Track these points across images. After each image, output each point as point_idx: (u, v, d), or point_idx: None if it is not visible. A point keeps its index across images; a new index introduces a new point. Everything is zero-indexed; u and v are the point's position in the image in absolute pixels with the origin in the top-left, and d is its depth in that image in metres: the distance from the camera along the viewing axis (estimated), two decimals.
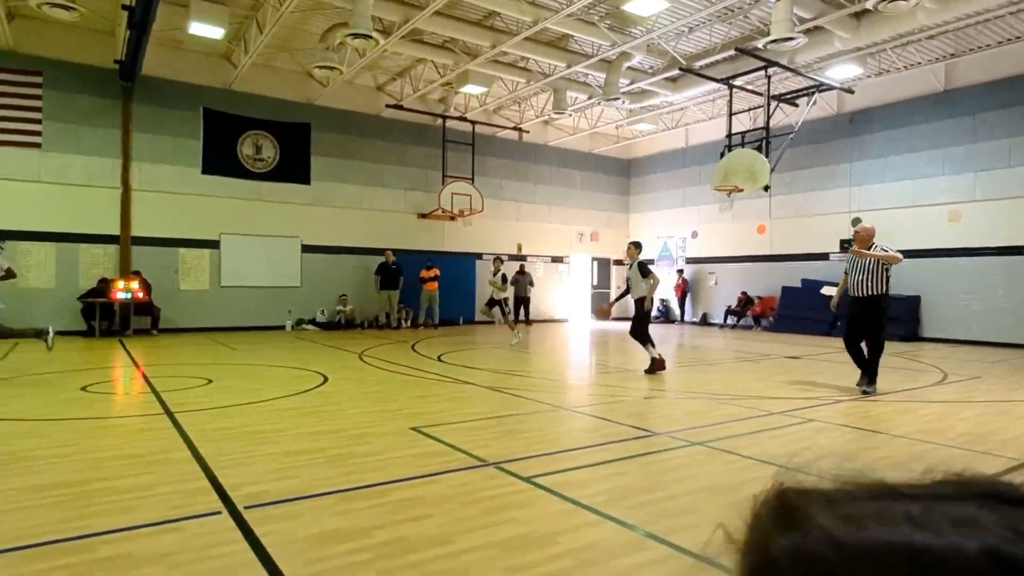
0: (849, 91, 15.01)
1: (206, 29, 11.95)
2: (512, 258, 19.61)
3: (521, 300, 18.42)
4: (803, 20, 11.22)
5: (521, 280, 18.44)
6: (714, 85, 14.72)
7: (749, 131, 15.30)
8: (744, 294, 18.01)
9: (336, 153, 16.49)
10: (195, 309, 14.59)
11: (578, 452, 4.41)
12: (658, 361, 8.25)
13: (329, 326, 15.86)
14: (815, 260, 16.15)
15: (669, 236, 21.08)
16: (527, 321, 18.44)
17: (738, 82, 14.50)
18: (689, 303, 19.99)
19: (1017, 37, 12.51)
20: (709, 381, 7.91)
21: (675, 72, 14.55)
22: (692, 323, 19.80)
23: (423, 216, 17.82)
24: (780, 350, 11.80)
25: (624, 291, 9.01)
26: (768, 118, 14.66)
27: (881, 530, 0.36)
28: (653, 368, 8.26)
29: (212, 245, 14.89)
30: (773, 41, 10.43)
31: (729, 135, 15.17)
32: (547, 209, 20.64)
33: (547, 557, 2.65)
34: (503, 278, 12.90)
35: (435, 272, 16.84)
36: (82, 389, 6.79)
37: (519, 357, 8.51)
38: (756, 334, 16.19)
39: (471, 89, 15.43)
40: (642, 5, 10.98)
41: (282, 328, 15.46)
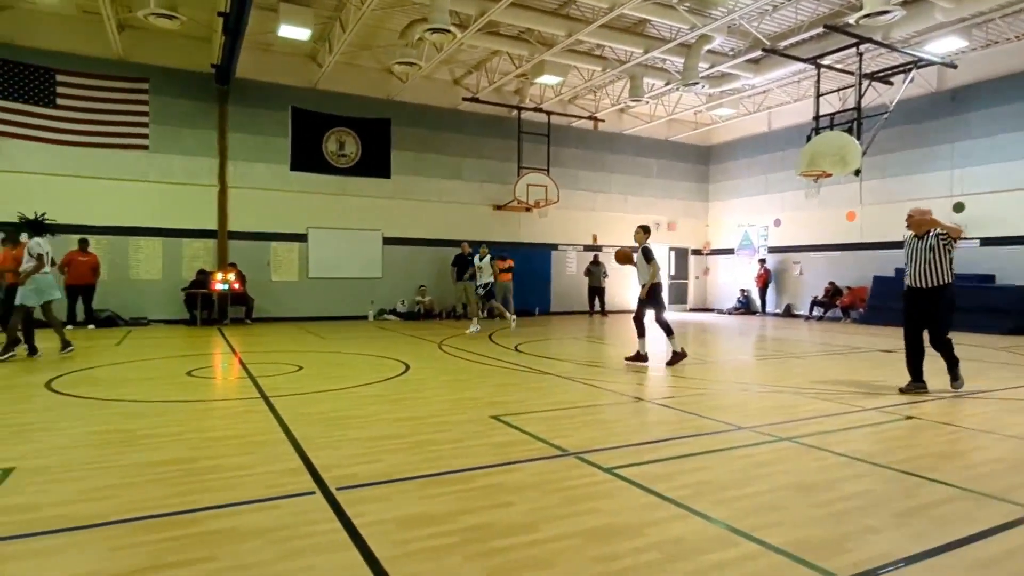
0: (951, 66, 13.96)
1: (294, 31, 12.49)
2: (587, 248, 19.52)
3: (596, 290, 18.32)
4: None
5: (595, 271, 18.34)
6: (800, 66, 14.05)
7: (838, 112, 14.49)
8: (832, 284, 17.17)
9: (415, 147, 16.87)
10: (285, 299, 15.38)
11: (660, 444, 4.36)
12: (679, 354, 8.15)
13: (409, 316, 16.34)
14: None
15: (750, 224, 20.35)
16: (603, 312, 18.31)
17: (826, 61, 13.78)
18: (772, 294, 19.25)
19: None
20: (795, 375, 7.61)
21: (758, 53, 13.99)
22: (775, 315, 19.07)
23: (499, 208, 17.98)
24: (872, 343, 11.19)
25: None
26: (859, 98, 13.83)
27: None
28: (675, 359, 8.15)
29: (300, 239, 15.63)
30: (866, 16, 9.84)
31: (816, 117, 14.42)
32: (623, 199, 20.35)
33: (633, 549, 2.65)
34: (486, 260, 12.45)
35: (509, 263, 16.93)
36: (187, 374, 7.32)
37: (596, 348, 8.48)
38: (845, 326, 15.42)
39: (546, 79, 15.39)
40: None
41: (365, 318, 16.05)
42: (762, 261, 19.36)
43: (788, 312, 18.89)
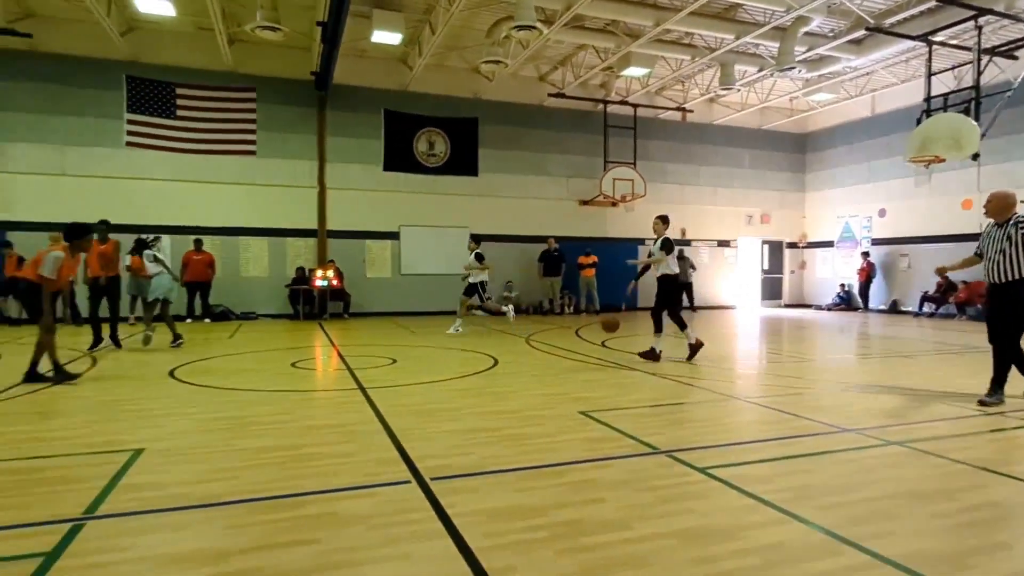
0: None
1: (386, 36, 12.96)
2: (677, 243, 19.02)
3: (683, 286, 17.84)
4: None
5: (681, 265, 17.85)
6: (908, 44, 13.05)
7: (953, 92, 13.33)
8: (945, 278, 15.89)
9: (501, 145, 17.05)
10: (379, 295, 16.00)
11: (756, 445, 4.21)
12: (695, 345, 8.01)
13: (497, 312, 16.52)
14: None
15: (852, 215, 19.16)
16: (692, 307, 17.82)
17: (939, 37, 12.72)
18: (876, 288, 18.05)
19: None
20: (905, 375, 7.12)
21: (860, 33, 13.12)
22: (879, 310, 17.88)
23: (585, 203, 17.86)
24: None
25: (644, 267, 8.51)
26: (978, 75, 12.65)
27: None
28: (693, 353, 8.00)
29: (393, 236, 16.20)
30: None
31: (928, 98, 13.33)
32: (712, 191, 19.69)
33: (731, 552, 2.58)
34: (478, 257, 11.96)
35: (593, 259, 16.88)
36: (292, 365, 7.77)
37: (683, 344, 8.26)
38: (959, 323, 14.25)
39: (633, 71, 15.12)
40: None
41: (454, 313, 16.37)
42: (865, 254, 18.19)
43: (895, 308, 17.66)
